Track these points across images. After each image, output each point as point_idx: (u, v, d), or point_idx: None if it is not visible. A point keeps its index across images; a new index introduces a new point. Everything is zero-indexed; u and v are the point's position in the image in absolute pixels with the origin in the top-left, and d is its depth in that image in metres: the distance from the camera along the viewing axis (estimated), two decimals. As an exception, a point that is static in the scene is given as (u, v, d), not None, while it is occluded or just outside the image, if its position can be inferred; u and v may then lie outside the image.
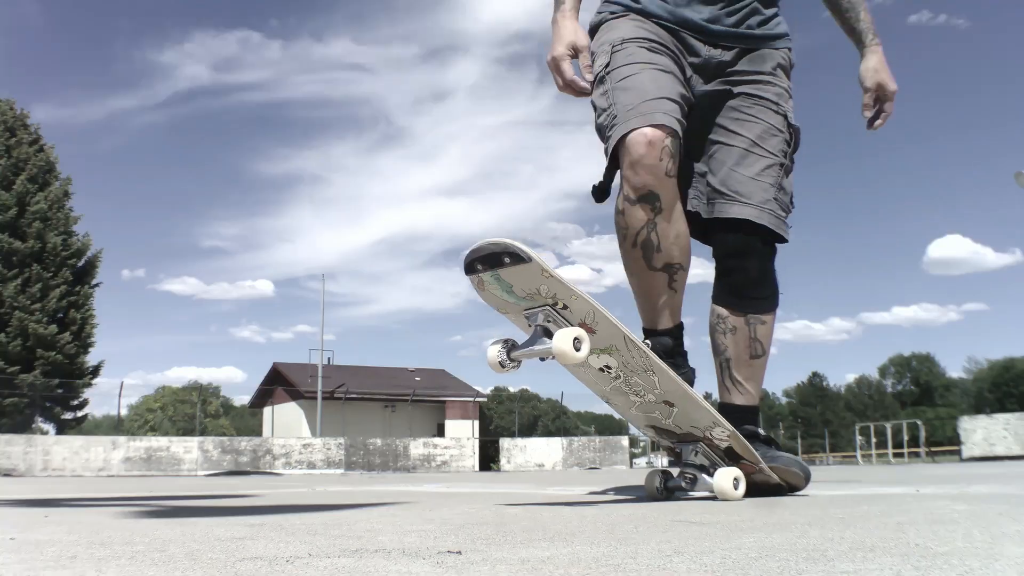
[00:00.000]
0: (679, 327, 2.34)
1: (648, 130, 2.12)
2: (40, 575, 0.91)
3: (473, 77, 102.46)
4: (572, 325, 1.91)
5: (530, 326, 1.93)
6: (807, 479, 2.33)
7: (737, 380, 2.35)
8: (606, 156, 2.23)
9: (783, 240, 2.37)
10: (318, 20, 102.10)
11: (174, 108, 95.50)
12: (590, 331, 1.89)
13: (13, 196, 27.60)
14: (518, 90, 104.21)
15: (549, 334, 1.88)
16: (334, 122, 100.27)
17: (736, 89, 2.37)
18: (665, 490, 2.28)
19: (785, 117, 2.37)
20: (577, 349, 1.81)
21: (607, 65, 2.26)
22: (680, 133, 2.18)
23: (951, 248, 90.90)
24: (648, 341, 2.25)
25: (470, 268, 1.90)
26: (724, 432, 2.15)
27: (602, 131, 2.25)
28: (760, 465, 2.21)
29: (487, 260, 1.86)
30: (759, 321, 2.35)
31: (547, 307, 1.90)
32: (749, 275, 2.34)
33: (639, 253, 2.21)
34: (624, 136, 2.14)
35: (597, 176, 2.26)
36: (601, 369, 2.06)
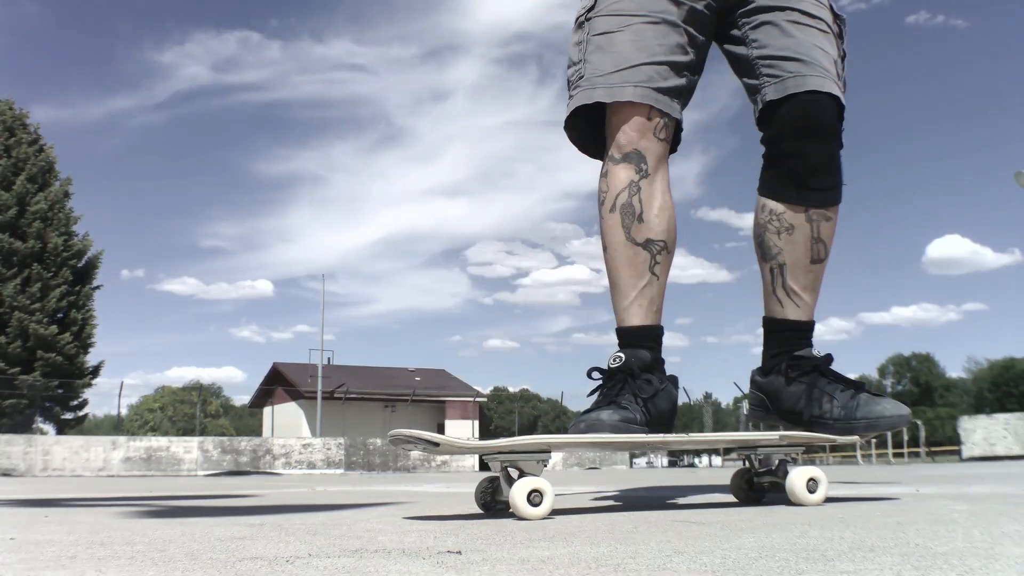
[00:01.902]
0: (657, 330, 1.97)
1: (630, 89, 1.92)
2: (40, 575, 0.91)
3: (473, 77, 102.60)
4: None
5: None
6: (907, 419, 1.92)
7: (793, 290, 1.99)
8: (566, 109, 2.03)
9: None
10: (318, 20, 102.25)
11: (174, 108, 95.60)
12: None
13: (13, 196, 27.61)
14: (518, 90, 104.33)
15: (509, 480, 1.66)
16: (334, 122, 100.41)
17: None
18: (751, 491, 1.95)
19: (830, 8, 2.06)
20: (534, 504, 1.56)
21: (590, 8, 2.02)
22: (660, 103, 1.95)
23: (950, 248, 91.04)
24: (621, 354, 1.90)
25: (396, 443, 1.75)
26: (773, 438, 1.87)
27: (569, 85, 2.04)
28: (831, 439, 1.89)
29: (409, 441, 1.70)
30: (823, 217, 1.96)
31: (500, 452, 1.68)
32: (814, 160, 1.95)
33: (617, 219, 1.94)
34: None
35: (596, 177, 2.16)
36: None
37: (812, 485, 1.77)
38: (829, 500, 1.82)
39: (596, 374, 1.92)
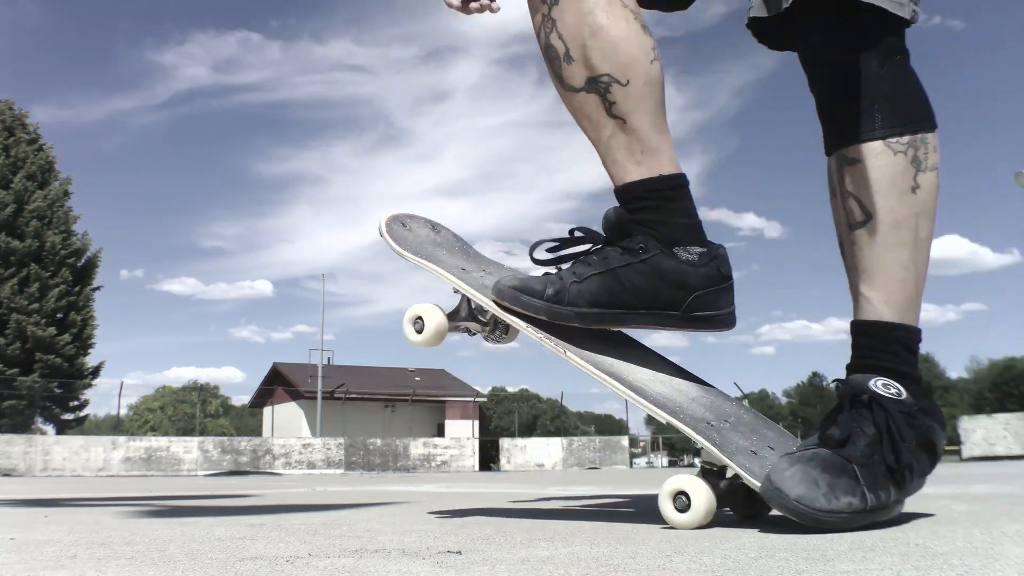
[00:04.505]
0: (653, 181, 1.42)
1: None
2: (40, 575, 0.91)
3: (473, 78, 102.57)
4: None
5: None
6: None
7: (851, 277, 1.44)
8: None
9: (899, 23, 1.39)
10: (318, 21, 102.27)
11: (174, 109, 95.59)
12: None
13: (11, 195, 27.61)
14: (517, 91, 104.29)
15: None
16: (334, 123, 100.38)
17: None
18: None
19: None
20: (418, 331, 1.54)
21: None
22: None
23: (949, 248, 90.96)
24: (607, 216, 1.48)
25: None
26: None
27: None
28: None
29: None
30: (845, 160, 1.40)
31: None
32: (831, 81, 1.44)
33: (548, 69, 1.50)
34: None
35: (596, 177, 1.89)
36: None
37: (680, 502, 1.28)
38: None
39: (579, 234, 1.52)
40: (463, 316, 1.58)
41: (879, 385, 1.30)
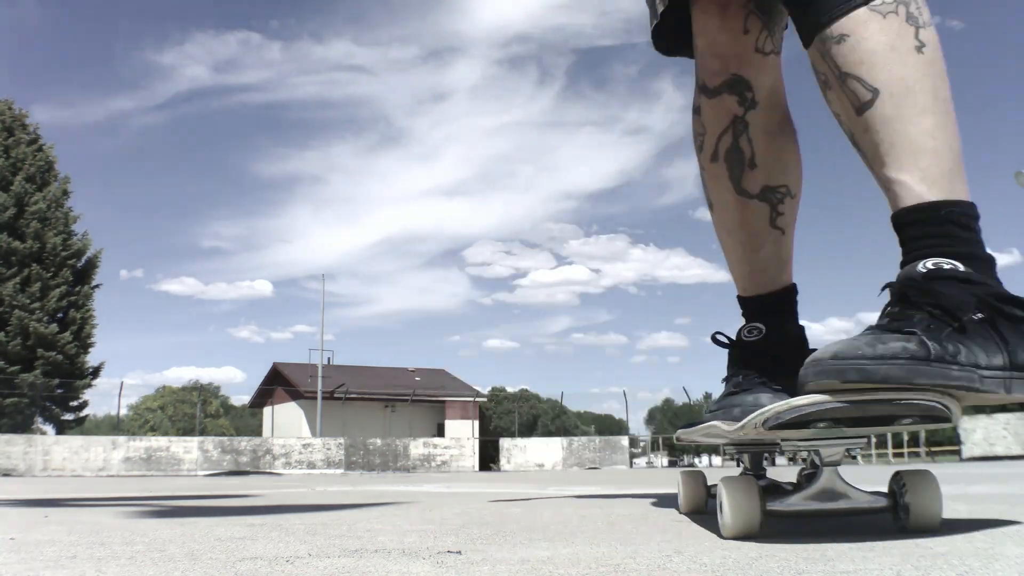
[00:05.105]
0: (791, 290, 1.53)
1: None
2: (40, 575, 0.91)
3: (473, 78, 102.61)
4: None
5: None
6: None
7: (874, 171, 1.25)
8: None
9: None
10: (318, 21, 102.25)
11: (174, 109, 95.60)
12: None
13: (11, 196, 27.62)
14: (517, 91, 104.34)
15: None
16: (334, 123, 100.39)
17: None
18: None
19: None
20: None
21: None
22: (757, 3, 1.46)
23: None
24: (760, 325, 1.47)
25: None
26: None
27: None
28: None
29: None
30: (832, 40, 1.23)
31: None
32: None
33: (722, 170, 1.48)
34: None
35: (596, 177, 1.67)
36: None
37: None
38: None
39: (724, 338, 1.49)
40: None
41: (929, 265, 1.12)
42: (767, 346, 1.45)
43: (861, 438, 1.14)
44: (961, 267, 1.11)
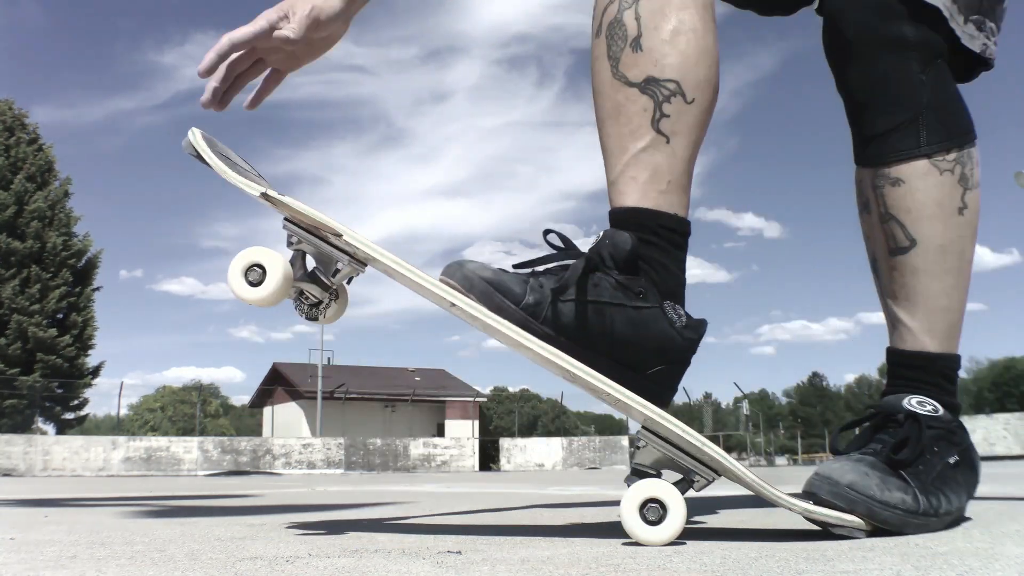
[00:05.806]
0: (664, 218, 1.20)
1: None
2: (40, 575, 0.91)
3: (473, 79, 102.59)
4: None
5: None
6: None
7: (885, 301, 1.34)
8: None
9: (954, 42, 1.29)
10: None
11: (174, 109, 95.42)
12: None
13: (11, 195, 27.61)
14: (517, 92, 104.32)
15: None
16: (334, 123, 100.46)
17: None
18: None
19: None
20: (254, 283, 1.20)
21: None
22: None
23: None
24: (601, 233, 1.21)
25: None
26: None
27: None
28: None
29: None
30: (887, 180, 1.28)
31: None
32: (856, 92, 1.31)
33: (603, 47, 1.25)
34: None
35: (596, 177, 1.66)
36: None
37: (654, 512, 1.06)
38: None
39: (554, 238, 1.23)
40: (299, 276, 1.23)
41: (914, 403, 1.24)
42: (587, 255, 1.20)
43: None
44: (942, 410, 1.25)
